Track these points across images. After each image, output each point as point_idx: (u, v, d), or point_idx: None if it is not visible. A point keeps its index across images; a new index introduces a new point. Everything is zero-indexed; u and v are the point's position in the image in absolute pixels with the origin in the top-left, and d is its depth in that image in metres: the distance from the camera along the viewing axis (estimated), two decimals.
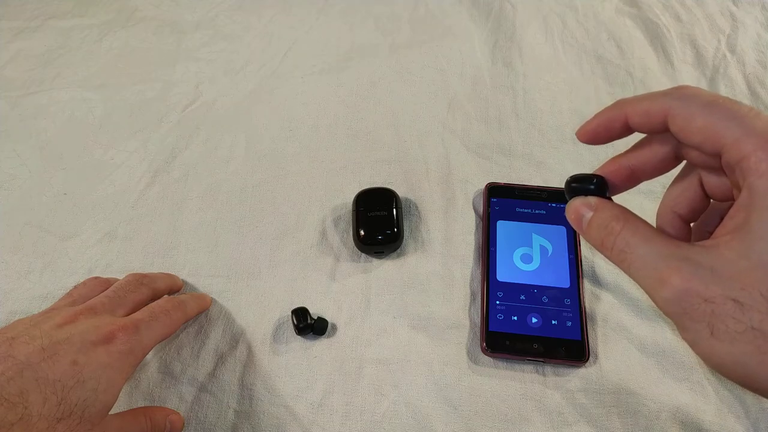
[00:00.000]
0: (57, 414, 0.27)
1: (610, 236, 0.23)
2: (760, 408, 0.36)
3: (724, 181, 0.24)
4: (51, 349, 0.29)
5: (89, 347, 0.30)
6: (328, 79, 0.56)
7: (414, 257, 0.43)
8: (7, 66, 0.57)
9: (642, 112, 0.23)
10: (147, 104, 0.54)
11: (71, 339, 0.30)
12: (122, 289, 0.35)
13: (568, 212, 0.26)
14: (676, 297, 0.20)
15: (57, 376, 0.28)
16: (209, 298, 0.41)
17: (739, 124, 0.20)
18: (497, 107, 0.53)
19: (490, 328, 0.38)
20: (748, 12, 0.61)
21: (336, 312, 0.40)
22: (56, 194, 0.47)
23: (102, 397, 0.29)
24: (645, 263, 0.21)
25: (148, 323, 0.33)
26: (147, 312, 0.34)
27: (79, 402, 0.28)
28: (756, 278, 0.19)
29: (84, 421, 0.28)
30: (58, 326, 0.31)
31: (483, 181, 0.46)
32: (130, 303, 0.35)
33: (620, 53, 0.57)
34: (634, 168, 0.25)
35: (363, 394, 0.37)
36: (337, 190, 0.47)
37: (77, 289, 0.37)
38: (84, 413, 0.28)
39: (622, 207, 0.24)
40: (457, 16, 0.61)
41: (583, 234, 0.25)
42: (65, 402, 0.28)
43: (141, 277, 0.37)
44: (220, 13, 0.63)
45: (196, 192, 0.47)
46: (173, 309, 0.35)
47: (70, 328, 0.31)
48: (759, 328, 0.18)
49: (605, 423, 0.35)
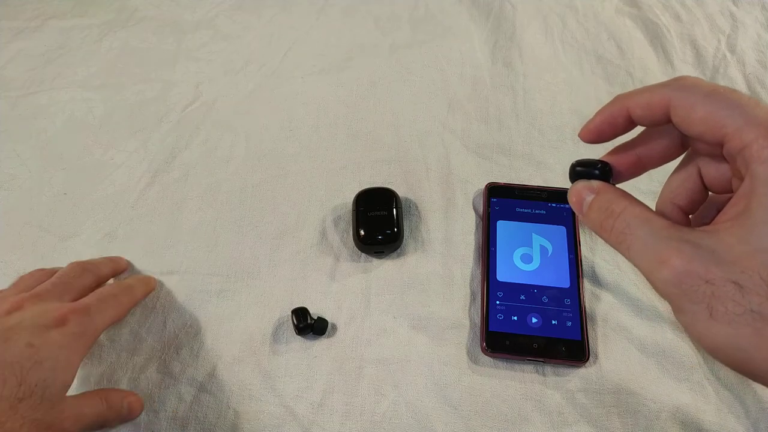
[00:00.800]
0: (18, 394, 0.28)
1: (610, 218, 0.23)
2: (760, 408, 0.35)
3: (724, 172, 0.24)
4: (3, 335, 0.30)
5: (42, 330, 0.30)
6: (328, 79, 0.56)
7: (414, 257, 0.43)
8: (7, 66, 0.57)
9: (643, 104, 0.23)
10: (147, 104, 0.54)
11: (22, 324, 0.30)
12: (66, 276, 0.36)
13: (570, 195, 0.26)
14: (676, 278, 0.20)
15: (14, 358, 0.29)
16: (154, 279, 0.41)
17: (741, 113, 0.20)
18: (497, 107, 0.53)
19: (490, 328, 0.38)
20: (748, 12, 0.61)
21: (336, 312, 0.40)
22: (56, 194, 0.47)
23: (61, 376, 0.30)
24: (645, 244, 0.21)
25: (97, 306, 0.34)
26: (95, 296, 0.35)
27: (39, 382, 0.29)
28: (757, 262, 0.19)
29: (45, 400, 0.29)
30: (6, 313, 0.31)
31: (483, 181, 0.46)
32: (75, 289, 0.36)
33: (620, 53, 0.57)
34: (641, 155, 0.26)
35: (363, 394, 0.37)
36: (337, 190, 0.47)
37: (23, 279, 0.37)
38: (44, 393, 0.29)
39: (624, 191, 0.24)
40: (457, 16, 0.61)
41: (583, 217, 0.25)
42: (25, 383, 0.28)
43: (84, 264, 0.38)
44: (220, 13, 0.63)
45: (196, 192, 0.47)
46: (121, 293, 0.36)
47: (18, 314, 0.31)
48: (758, 311, 0.18)
49: (605, 423, 0.35)
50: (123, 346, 0.39)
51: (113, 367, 0.38)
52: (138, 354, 0.39)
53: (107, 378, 0.38)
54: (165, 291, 0.42)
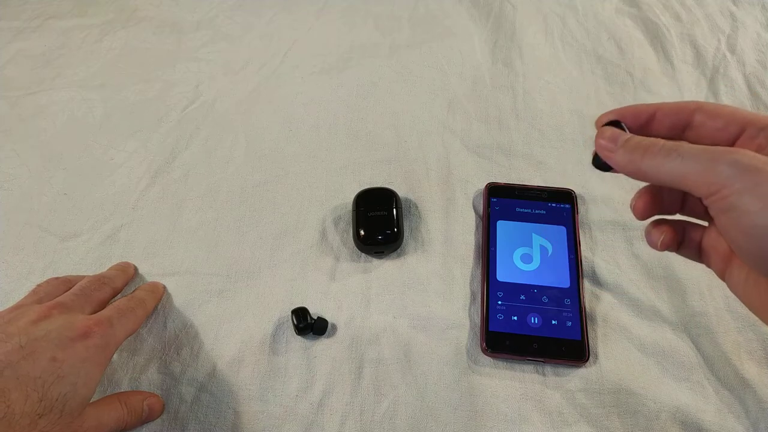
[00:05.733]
0: (39, 410, 0.28)
1: (656, 143, 0.23)
2: (760, 408, 0.35)
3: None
4: (29, 347, 0.29)
5: (67, 343, 0.30)
6: (328, 79, 0.56)
7: (414, 257, 0.43)
8: (7, 66, 0.58)
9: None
10: (147, 104, 0.54)
11: (49, 335, 0.30)
12: (87, 288, 0.37)
13: (601, 134, 0.26)
14: (746, 159, 0.21)
15: (37, 373, 0.29)
16: (161, 286, 0.41)
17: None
18: (497, 107, 0.53)
19: (490, 328, 0.38)
20: (748, 12, 0.61)
21: (336, 312, 0.40)
22: (56, 194, 0.47)
23: (81, 391, 0.30)
24: (699, 148, 0.22)
25: (118, 319, 0.34)
26: (115, 309, 0.35)
27: (59, 397, 0.29)
28: None
29: (64, 415, 0.29)
30: (33, 323, 0.31)
31: (483, 181, 0.46)
32: (95, 301, 0.36)
33: (620, 53, 0.57)
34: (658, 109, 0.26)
35: (363, 394, 0.37)
36: (337, 190, 0.47)
37: (41, 287, 0.37)
38: (64, 408, 0.29)
39: None
40: (457, 16, 0.61)
41: (615, 151, 0.25)
42: (46, 398, 0.28)
43: (101, 278, 0.39)
44: (220, 13, 0.63)
45: (196, 192, 0.47)
46: (137, 307, 0.37)
47: (46, 324, 0.31)
48: None
49: (605, 423, 0.35)
50: (124, 346, 0.39)
51: (114, 367, 0.38)
52: (139, 354, 0.39)
53: (108, 378, 0.38)
54: (166, 291, 0.42)
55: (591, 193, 0.46)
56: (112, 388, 0.37)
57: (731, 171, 0.21)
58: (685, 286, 0.41)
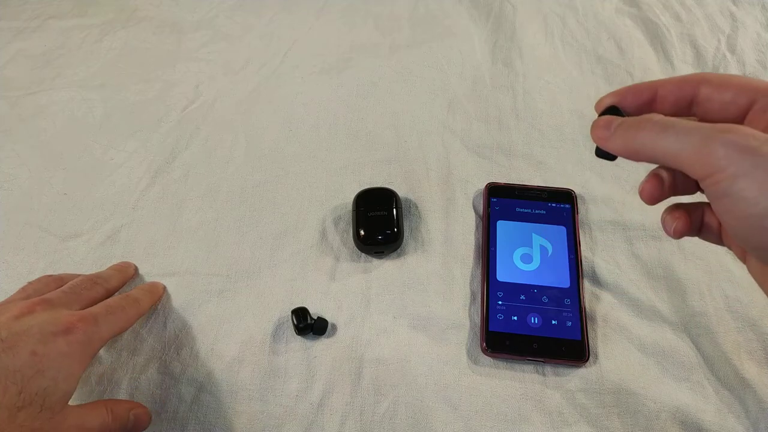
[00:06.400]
0: (17, 403, 0.28)
1: (650, 119, 0.23)
2: (760, 408, 0.36)
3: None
4: (10, 341, 0.30)
5: (49, 338, 0.30)
6: (328, 79, 0.56)
7: (414, 257, 0.43)
8: (7, 66, 0.57)
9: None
10: (147, 104, 0.54)
11: (30, 330, 0.30)
12: (78, 287, 0.36)
13: (597, 122, 0.25)
14: (742, 136, 0.19)
15: (17, 366, 0.29)
16: (162, 286, 0.41)
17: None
18: (497, 107, 0.53)
19: (490, 328, 0.38)
20: (748, 12, 0.61)
21: (336, 312, 0.40)
22: (56, 194, 0.47)
23: (62, 386, 0.30)
24: (694, 124, 0.21)
25: (105, 317, 0.34)
26: (103, 306, 0.35)
27: (39, 391, 0.29)
28: None
29: (45, 409, 0.29)
30: (16, 318, 0.31)
31: (483, 181, 0.46)
32: (85, 299, 0.36)
33: (620, 53, 0.57)
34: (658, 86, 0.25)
35: (363, 394, 0.37)
36: (337, 190, 0.47)
37: (31, 284, 0.37)
38: (45, 402, 0.29)
39: None
40: (457, 16, 0.61)
41: (610, 134, 0.24)
42: (25, 391, 0.28)
43: (95, 277, 0.38)
44: (220, 13, 0.63)
45: (196, 192, 0.47)
46: (128, 306, 0.36)
47: (28, 319, 0.31)
48: None
49: (605, 423, 0.35)
50: (123, 346, 0.39)
51: (113, 367, 0.38)
52: (138, 354, 0.39)
53: (108, 378, 0.38)
54: (165, 291, 0.42)
55: (591, 193, 0.46)
56: (112, 388, 0.37)
57: (726, 152, 0.19)
58: (685, 286, 0.41)
